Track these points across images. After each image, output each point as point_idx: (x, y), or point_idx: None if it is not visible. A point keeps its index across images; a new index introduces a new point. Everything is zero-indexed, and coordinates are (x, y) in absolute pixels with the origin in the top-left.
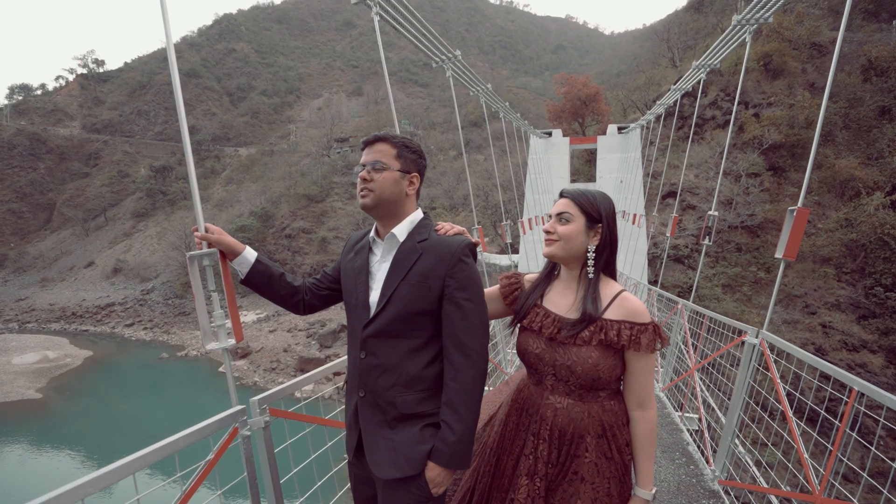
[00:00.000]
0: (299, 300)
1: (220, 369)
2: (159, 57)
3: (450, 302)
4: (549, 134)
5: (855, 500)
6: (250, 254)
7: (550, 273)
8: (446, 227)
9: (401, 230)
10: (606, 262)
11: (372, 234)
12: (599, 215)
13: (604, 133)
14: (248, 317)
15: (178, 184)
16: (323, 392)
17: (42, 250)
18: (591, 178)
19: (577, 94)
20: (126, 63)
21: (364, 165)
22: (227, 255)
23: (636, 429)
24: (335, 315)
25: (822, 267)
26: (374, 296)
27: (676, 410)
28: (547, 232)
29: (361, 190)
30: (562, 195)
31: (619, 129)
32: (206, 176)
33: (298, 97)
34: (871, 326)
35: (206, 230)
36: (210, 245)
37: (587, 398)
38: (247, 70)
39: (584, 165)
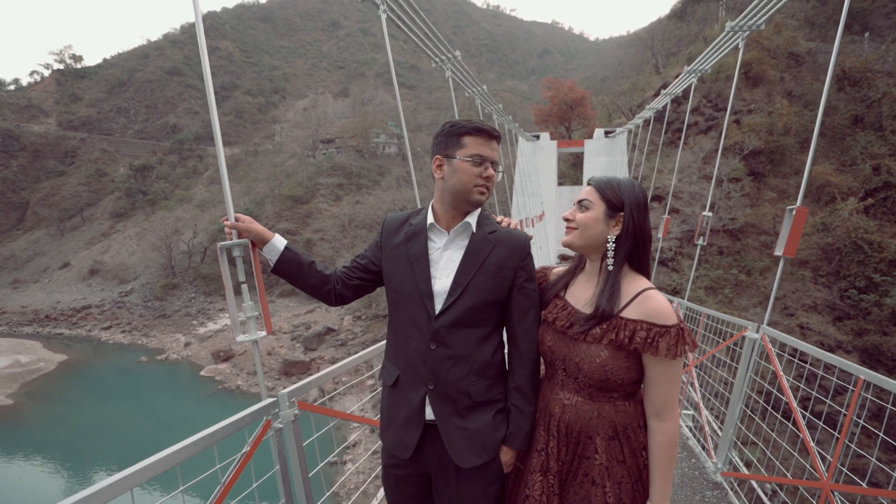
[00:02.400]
0: (330, 290)
1: (202, 373)
2: (140, 54)
3: (521, 292)
4: (538, 137)
5: (864, 484)
6: (279, 241)
7: (578, 265)
8: (507, 220)
9: (473, 219)
10: (631, 255)
11: (430, 220)
12: (621, 203)
13: (590, 137)
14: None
15: (159, 183)
16: (329, 394)
17: (14, 251)
18: (578, 182)
19: (564, 98)
20: (105, 59)
21: (493, 162)
22: (257, 243)
23: (651, 440)
24: (320, 318)
25: (799, 270)
26: (442, 284)
27: None
28: (566, 220)
29: (482, 186)
30: (588, 183)
31: (606, 133)
32: (188, 176)
33: (283, 97)
34: (846, 327)
35: (236, 219)
36: (240, 234)
37: (597, 397)
38: (231, 69)
39: (571, 169)
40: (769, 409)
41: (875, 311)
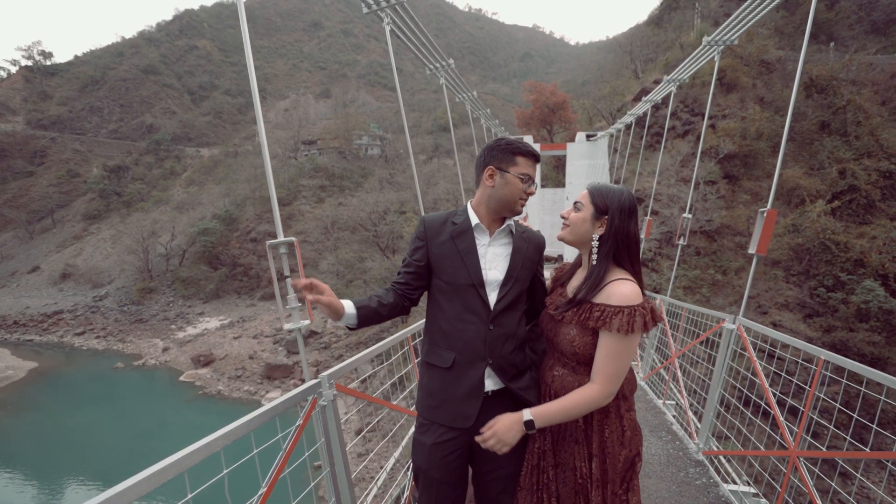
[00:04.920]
0: (401, 309)
1: (181, 378)
2: (114, 51)
3: (538, 280)
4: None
5: (823, 448)
6: (350, 308)
7: (580, 261)
8: (523, 222)
9: (511, 222)
10: (615, 254)
11: (475, 220)
12: (606, 208)
13: (572, 140)
14: (210, 323)
15: (135, 185)
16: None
17: None
18: (560, 184)
19: (546, 101)
20: (77, 56)
21: (534, 182)
22: (332, 317)
23: (577, 389)
24: None
25: (772, 269)
26: (495, 274)
27: (659, 398)
28: (562, 217)
29: (523, 200)
30: (586, 187)
31: (588, 136)
32: (165, 177)
33: (264, 98)
34: (815, 324)
35: (314, 289)
36: (311, 299)
37: (579, 370)
38: (209, 68)
39: (552, 171)
40: (745, 391)
41: (842, 309)
